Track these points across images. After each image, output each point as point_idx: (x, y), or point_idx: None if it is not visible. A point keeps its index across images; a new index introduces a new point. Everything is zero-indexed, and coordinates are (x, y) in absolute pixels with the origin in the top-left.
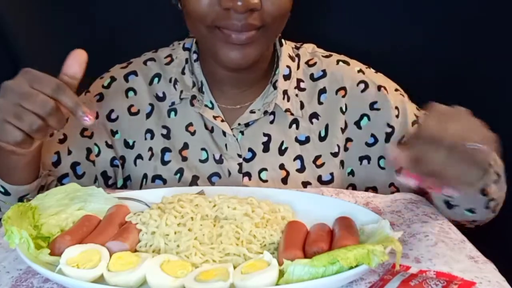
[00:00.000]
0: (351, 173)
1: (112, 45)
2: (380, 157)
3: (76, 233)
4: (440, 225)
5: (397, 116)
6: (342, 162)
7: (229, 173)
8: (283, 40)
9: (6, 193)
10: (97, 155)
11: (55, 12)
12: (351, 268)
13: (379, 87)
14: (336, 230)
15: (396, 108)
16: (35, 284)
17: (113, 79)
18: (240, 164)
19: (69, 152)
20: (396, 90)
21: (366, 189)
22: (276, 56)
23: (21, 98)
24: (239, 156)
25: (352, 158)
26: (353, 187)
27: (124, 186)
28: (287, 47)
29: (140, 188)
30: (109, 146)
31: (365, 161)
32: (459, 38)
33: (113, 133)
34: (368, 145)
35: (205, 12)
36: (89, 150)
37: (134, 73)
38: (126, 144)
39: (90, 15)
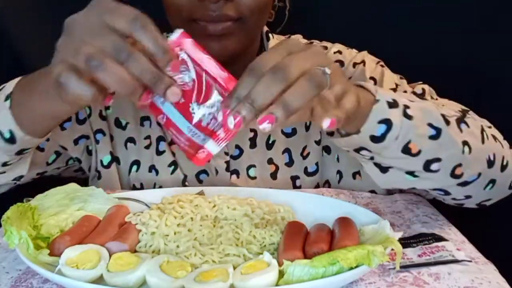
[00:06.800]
0: (338, 159)
1: None
2: None
3: (75, 233)
4: (440, 225)
5: None
6: (326, 148)
7: (217, 172)
8: (270, 35)
9: (12, 141)
10: (89, 116)
11: (55, 12)
12: (351, 268)
13: (354, 64)
14: (336, 230)
15: (372, 78)
16: (35, 284)
17: None
18: (227, 162)
19: None
20: (378, 63)
21: (353, 175)
22: (263, 51)
23: (86, 33)
24: (226, 154)
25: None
26: (340, 174)
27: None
28: (275, 41)
29: (129, 175)
30: (103, 118)
31: None
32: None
33: (106, 106)
34: None
35: (181, 4)
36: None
37: None
38: (118, 124)
39: None
